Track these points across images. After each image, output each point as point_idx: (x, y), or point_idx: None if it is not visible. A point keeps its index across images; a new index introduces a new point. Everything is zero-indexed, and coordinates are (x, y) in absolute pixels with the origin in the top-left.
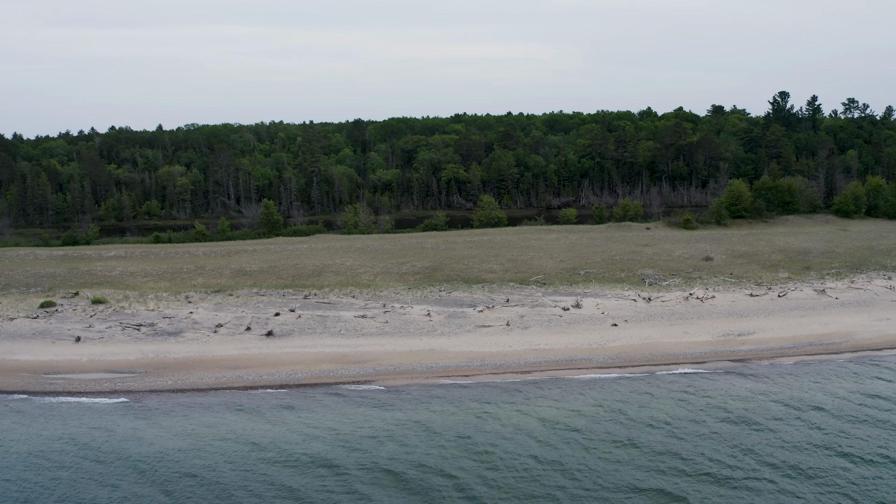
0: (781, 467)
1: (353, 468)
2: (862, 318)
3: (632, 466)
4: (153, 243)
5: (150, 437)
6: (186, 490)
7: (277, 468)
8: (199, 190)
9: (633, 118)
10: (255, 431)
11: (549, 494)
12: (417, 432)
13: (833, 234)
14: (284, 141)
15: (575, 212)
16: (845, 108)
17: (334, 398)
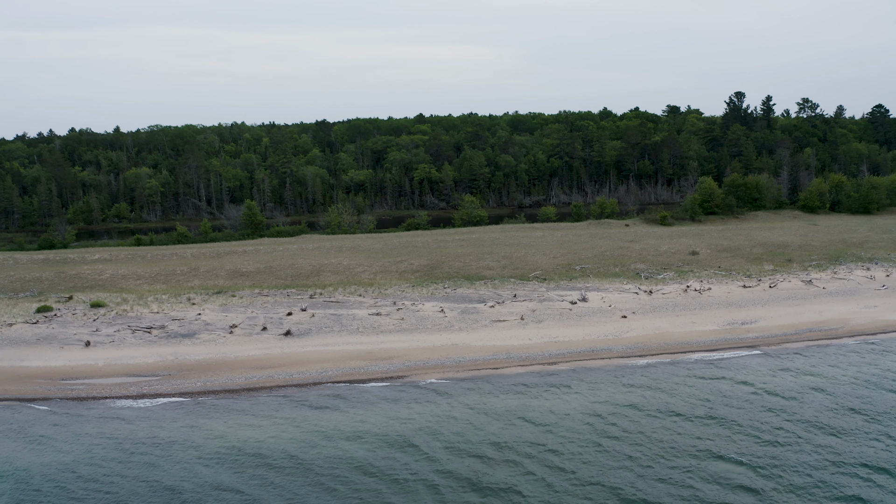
0: (826, 428)
1: (439, 453)
2: (851, 306)
3: (692, 436)
4: (135, 246)
5: (226, 434)
6: (301, 485)
7: (367, 458)
8: (170, 192)
9: (595, 118)
10: (325, 425)
11: (623, 465)
12: (480, 419)
13: (805, 229)
14: (250, 142)
15: (554, 210)
16: (800, 107)
17: (379, 393)
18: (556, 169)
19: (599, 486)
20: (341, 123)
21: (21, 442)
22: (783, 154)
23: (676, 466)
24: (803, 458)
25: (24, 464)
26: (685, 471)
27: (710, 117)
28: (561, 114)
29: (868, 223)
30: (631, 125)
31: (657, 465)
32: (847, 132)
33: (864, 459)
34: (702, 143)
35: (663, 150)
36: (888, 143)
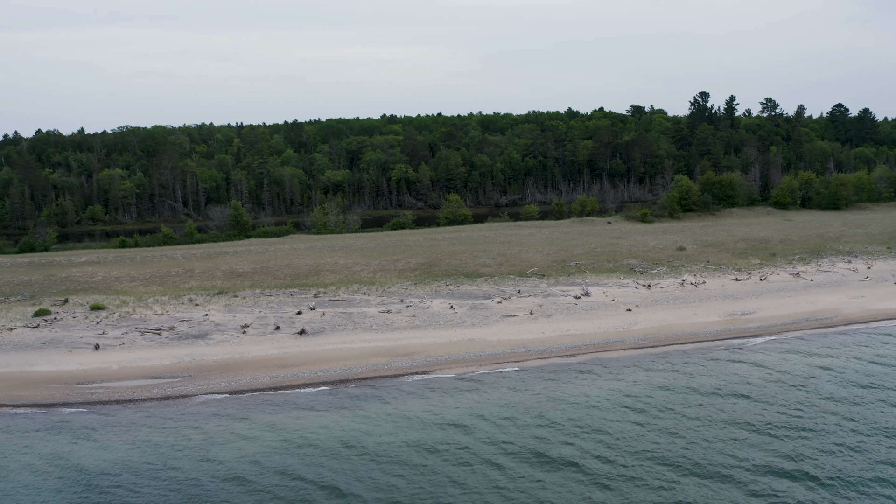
0: (843, 402)
1: (494, 436)
2: (840, 296)
3: (723, 411)
4: (120, 248)
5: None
6: (372, 470)
7: (427, 443)
8: (145, 194)
9: (563, 118)
10: (370, 416)
11: (669, 437)
12: (519, 405)
13: (782, 224)
14: (221, 143)
15: (537, 208)
16: (763, 107)
17: (410, 387)
18: (530, 168)
19: (652, 457)
20: (313, 124)
21: (58, 448)
22: (750, 152)
23: (717, 438)
24: (829, 426)
25: (75, 469)
26: (727, 441)
27: (674, 117)
28: (530, 114)
29: (840, 218)
30: (601, 125)
31: (699, 436)
32: (809, 131)
33: (888, 428)
34: (671, 143)
35: (634, 149)
36: (849, 141)
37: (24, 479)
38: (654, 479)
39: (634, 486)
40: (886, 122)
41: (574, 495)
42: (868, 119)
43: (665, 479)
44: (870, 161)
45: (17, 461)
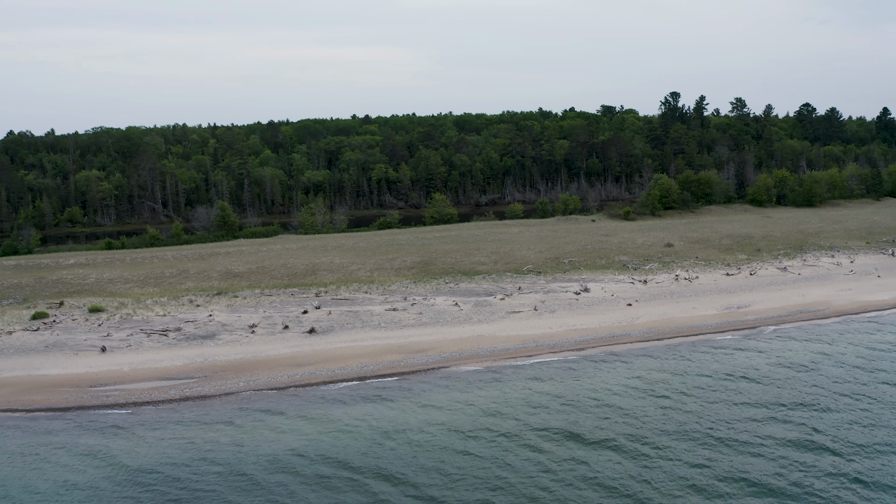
0: (848, 384)
1: (531, 421)
2: (828, 289)
3: (741, 393)
4: (107, 249)
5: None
6: (428, 460)
7: (464, 438)
8: (123, 195)
9: (537, 118)
10: (404, 410)
11: (697, 417)
12: (547, 393)
13: (762, 221)
14: (197, 144)
15: (521, 207)
16: (733, 106)
17: (434, 382)
18: (509, 168)
19: (681, 436)
20: (289, 125)
21: (90, 448)
22: (722, 151)
23: (738, 417)
24: (840, 405)
25: (118, 468)
26: (748, 420)
27: (645, 116)
28: (505, 114)
29: (816, 215)
30: (576, 124)
31: (721, 416)
32: (778, 130)
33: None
34: (645, 142)
35: (610, 148)
36: (817, 139)
37: (66, 478)
38: (687, 456)
39: (671, 462)
40: (851, 120)
41: (616, 472)
42: (835, 118)
43: (698, 455)
44: (838, 159)
45: (53, 462)
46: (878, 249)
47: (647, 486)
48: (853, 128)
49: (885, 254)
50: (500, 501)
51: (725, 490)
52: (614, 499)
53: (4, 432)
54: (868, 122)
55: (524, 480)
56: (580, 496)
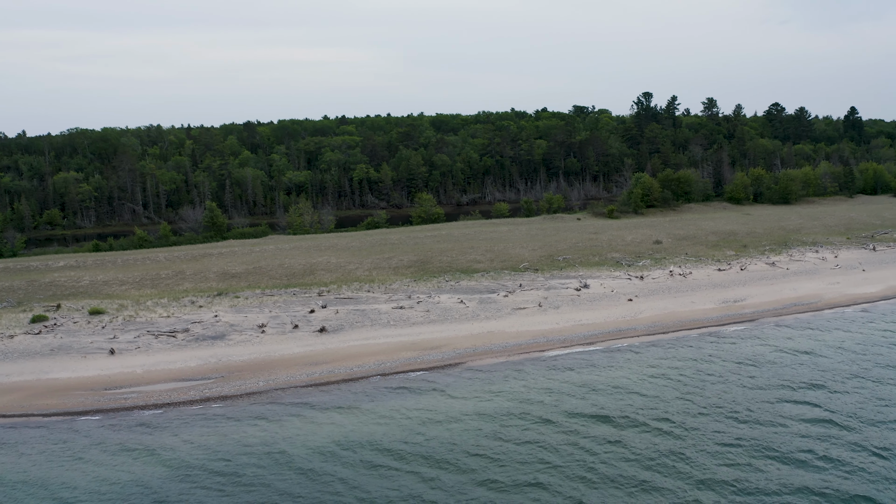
0: (855, 368)
1: (559, 416)
2: (818, 283)
3: (758, 378)
4: (94, 252)
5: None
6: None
7: (510, 427)
8: (103, 197)
9: (513, 118)
10: (437, 405)
11: (720, 400)
12: (569, 388)
13: (744, 218)
14: (174, 145)
15: (507, 206)
16: (705, 106)
17: (458, 376)
18: (488, 167)
19: (709, 419)
20: (266, 125)
21: (123, 450)
22: (696, 150)
23: (759, 399)
24: (851, 387)
25: (159, 467)
26: (770, 402)
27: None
28: (481, 114)
29: (794, 212)
30: (552, 124)
31: (742, 399)
32: (749, 129)
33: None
34: (621, 142)
35: (588, 148)
36: (787, 138)
37: (109, 477)
38: (715, 435)
39: (701, 441)
40: (819, 119)
41: (651, 451)
42: (804, 118)
43: (725, 434)
44: (809, 157)
45: (91, 462)
46: (858, 245)
47: (682, 463)
48: (821, 127)
49: (866, 249)
50: (546, 479)
51: (756, 464)
52: (653, 472)
53: (29, 435)
54: (835, 122)
55: (566, 460)
56: (622, 474)
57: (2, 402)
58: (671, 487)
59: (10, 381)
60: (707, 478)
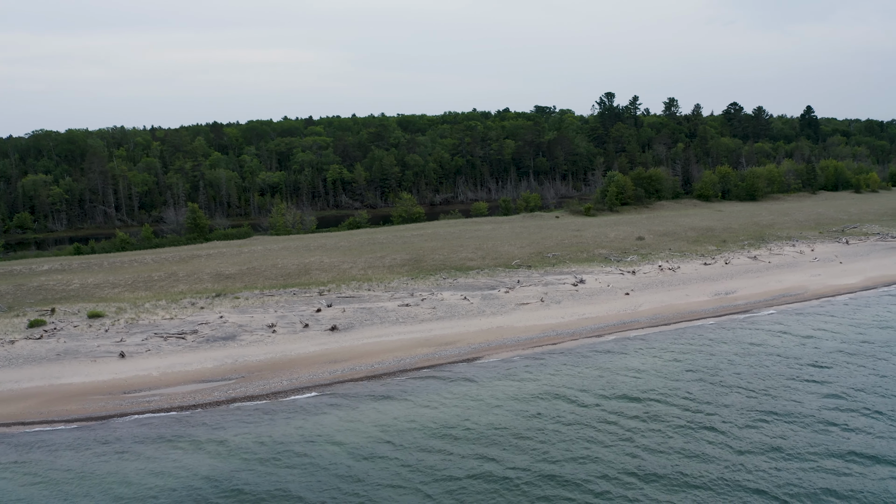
0: (853, 350)
1: (590, 404)
2: (800, 275)
3: (772, 363)
4: (76, 255)
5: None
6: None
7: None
8: (74, 199)
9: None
10: (475, 395)
11: (739, 380)
12: (591, 377)
13: (717, 215)
14: (141, 146)
15: (486, 205)
16: (666, 106)
17: (482, 366)
18: (460, 167)
19: (730, 402)
20: (233, 126)
21: (166, 453)
22: (660, 149)
23: (773, 386)
24: (852, 369)
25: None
26: (783, 387)
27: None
28: (448, 114)
29: (764, 208)
30: (520, 124)
31: (757, 384)
32: (709, 128)
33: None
34: (588, 141)
35: (556, 147)
36: (746, 137)
37: (156, 482)
38: (740, 417)
39: (729, 422)
40: (775, 118)
41: (692, 425)
42: (762, 117)
43: (755, 409)
44: (769, 155)
45: (132, 468)
46: (832, 238)
47: (718, 434)
48: (778, 126)
49: (839, 242)
50: (596, 453)
51: (784, 433)
52: (694, 441)
53: (54, 442)
54: (792, 120)
55: (610, 436)
56: (665, 445)
57: (18, 409)
58: (712, 454)
59: (21, 388)
60: (744, 447)
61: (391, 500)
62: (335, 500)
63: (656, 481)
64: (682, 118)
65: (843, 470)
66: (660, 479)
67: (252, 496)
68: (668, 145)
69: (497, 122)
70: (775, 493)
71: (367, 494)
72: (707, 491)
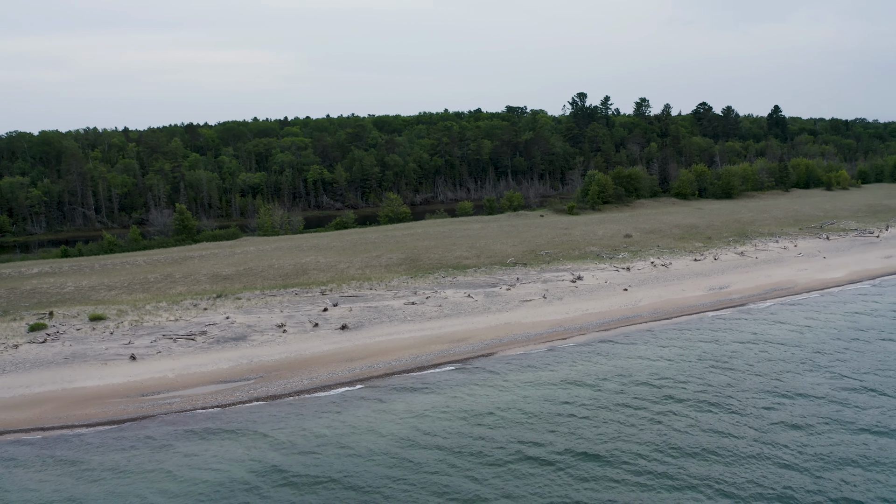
0: (849, 337)
1: (617, 390)
2: (787, 270)
3: (774, 353)
4: (63, 258)
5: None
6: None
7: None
8: (53, 202)
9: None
10: (505, 387)
11: (759, 365)
12: (610, 367)
13: (698, 212)
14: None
15: (471, 204)
16: (637, 106)
17: (503, 361)
18: (439, 167)
19: (747, 387)
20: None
21: (208, 451)
22: (634, 149)
23: (780, 368)
24: (852, 356)
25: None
26: (792, 372)
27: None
28: (423, 114)
29: (743, 206)
30: (496, 124)
31: (770, 369)
32: (679, 127)
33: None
34: (564, 141)
35: (533, 147)
36: (716, 136)
37: (206, 479)
38: (757, 401)
39: (749, 404)
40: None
41: (715, 407)
42: (731, 116)
43: (772, 392)
44: (740, 154)
45: (178, 467)
46: (812, 234)
47: (740, 416)
48: (746, 125)
49: (820, 238)
50: (633, 434)
51: (804, 417)
52: (719, 420)
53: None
54: (760, 119)
55: (640, 421)
56: (691, 425)
57: (34, 415)
58: (737, 432)
59: (33, 393)
60: (766, 426)
61: (441, 485)
62: (387, 487)
63: (690, 456)
64: (653, 118)
65: (861, 443)
66: (692, 455)
67: (304, 485)
68: (641, 145)
69: (472, 123)
70: (803, 465)
71: (417, 480)
72: (738, 465)
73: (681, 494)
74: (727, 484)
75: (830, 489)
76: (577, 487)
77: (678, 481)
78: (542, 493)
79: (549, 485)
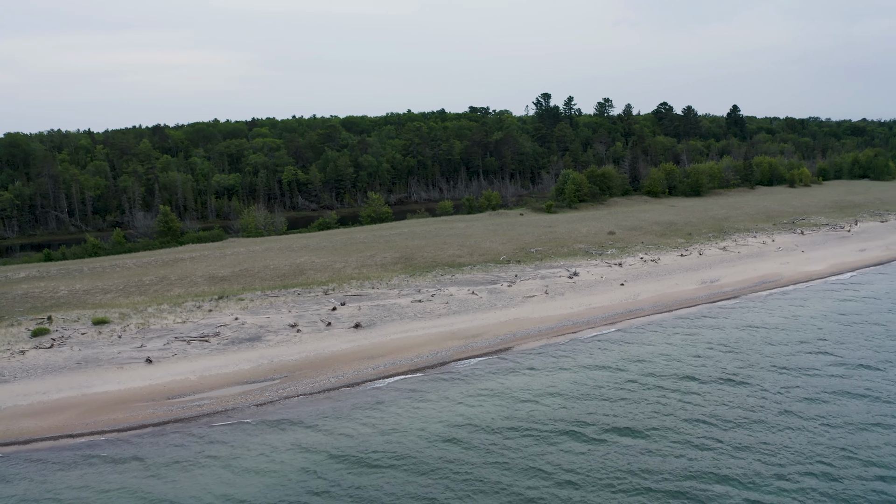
0: (844, 323)
1: (642, 375)
2: (771, 264)
3: (778, 340)
4: (46, 261)
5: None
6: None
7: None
8: (24, 205)
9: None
10: (536, 380)
11: (768, 350)
12: (628, 357)
13: (673, 210)
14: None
15: (451, 203)
16: (600, 106)
17: (526, 353)
18: (412, 168)
19: (757, 371)
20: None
21: (262, 451)
22: (599, 148)
23: (785, 352)
24: (851, 340)
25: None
26: (802, 354)
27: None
28: (390, 115)
29: (714, 203)
30: (464, 125)
31: (772, 354)
32: (641, 127)
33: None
34: (532, 141)
35: (503, 147)
36: (677, 135)
37: (273, 471)
38: (772, 385)
39: (765, 387)
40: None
41: (735, 388)
42: (692, 115)
43: (785, 379)
44: (702, 153)
45: (240, 464)
46: (786, 230)
47: (758, 399)
48: (706, 124)
49: (795, 233)
50: (669, 412)
51: (820, 395)
52: (740, 402)
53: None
54: (719, 119)
55: (673, 401)
56: (720, 401)
57: (58, 422)
58: (758, 418)
59: (52, 399)
60: (786, 403)
61: (500, 464)
62: (447, 467)
63: (725, 427)
64: (615, 118)
65: (876, 419)
66: (728, 426)
67: (371, 469)
68: (606, 144)
69: (439, 123)
70: (825, 431)
71: (476, 459)
72: (771, 433)
73: (719, 461)
74: (762, 453)
75: (855, 447)
76: (629, 460)
77: (716, 451)
78: (598, 468)
79: (603, 459)
